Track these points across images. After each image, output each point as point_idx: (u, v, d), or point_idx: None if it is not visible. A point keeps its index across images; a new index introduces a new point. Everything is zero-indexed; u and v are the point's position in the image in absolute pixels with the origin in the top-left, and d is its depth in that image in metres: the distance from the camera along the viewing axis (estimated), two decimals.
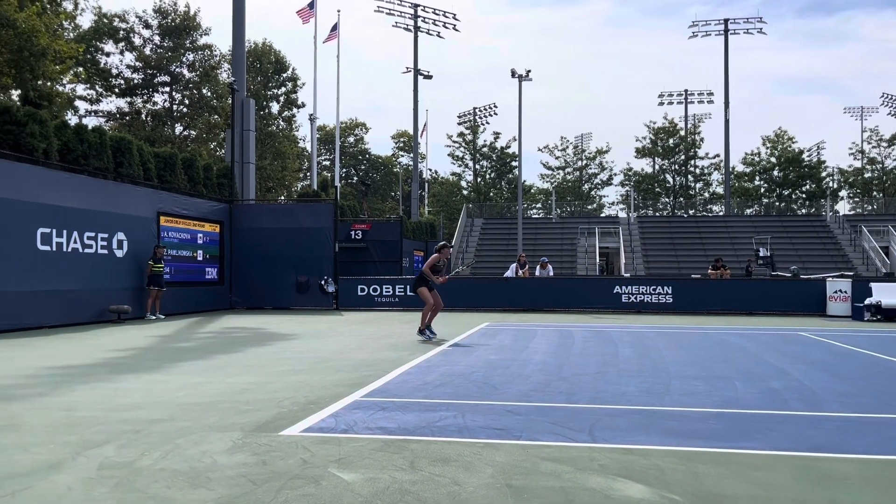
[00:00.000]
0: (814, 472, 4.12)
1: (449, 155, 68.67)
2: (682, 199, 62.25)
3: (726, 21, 52.37)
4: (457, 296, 20.97)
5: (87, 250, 14.81)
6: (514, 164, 64.88)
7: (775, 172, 62.07)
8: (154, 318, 16.43)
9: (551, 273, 22.24)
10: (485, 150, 67.09)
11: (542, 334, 12.96)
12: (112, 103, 44.20)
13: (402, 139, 78.13)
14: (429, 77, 49.87)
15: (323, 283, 12.44)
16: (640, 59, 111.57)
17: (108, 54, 42.51)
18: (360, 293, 20.99)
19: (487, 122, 66.71)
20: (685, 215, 53.35)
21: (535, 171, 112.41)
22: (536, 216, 58.78)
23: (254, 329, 14.02)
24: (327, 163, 69.82)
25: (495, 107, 62.62)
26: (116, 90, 42.81)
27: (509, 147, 65.71)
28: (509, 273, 21.95)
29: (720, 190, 62.36)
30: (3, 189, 12.74)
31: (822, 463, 4.32)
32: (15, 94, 30.75)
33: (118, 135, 18.07)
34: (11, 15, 26.24)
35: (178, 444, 4.67)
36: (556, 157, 68.24)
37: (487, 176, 68.15)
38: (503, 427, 5.21)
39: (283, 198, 50.30)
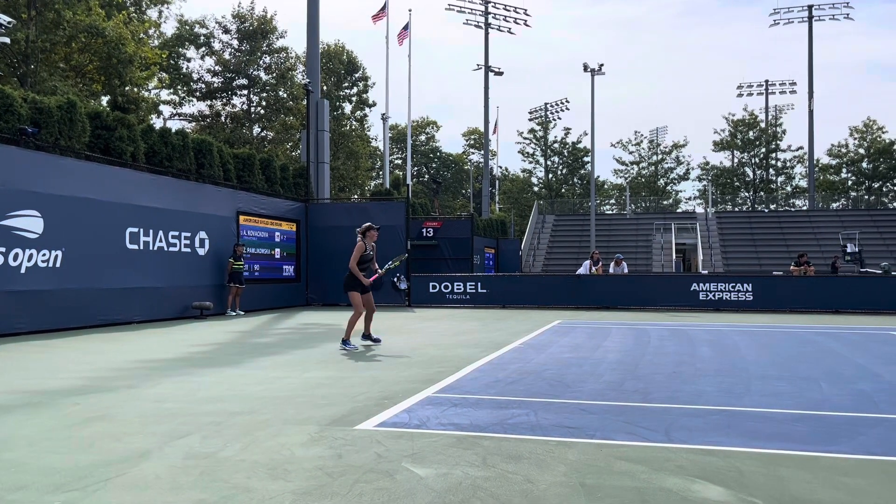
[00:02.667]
0: None
1: (520, 152, 68.46)
2: (762, 193, 60.14)
3: (810, 7, 50.28)
4: (529, 293, 20.87)
5: (171, 249, 15.42)
6: (586, 159, 64.05)
7: (864, 164, 59.23)
8: (234, 314, 16.97)
9: (626, 270, 21.84)
10: (556, 145, 66.48)
11: (616, 332, 12.75)
12: (193, 107, 45.95)
13: (472, 136, 78.19)
14: (499, 74, 49.76)
15: (395, 280, 12.61)
16: (718, 50, 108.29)
17: (189, 59, 44.20)
18: (431, 290, 21.14)
19: (559, 118, 66.24)
20: (766, 210, 51.53)
21: (607, 167, 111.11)
22: (610, 212, 57.89)
23: (329, 325, 14.32)
24: (399, 161, 70.59)
25: (567, 102, 62.00)
26: (197, 94, 44.43)
27: (581, 142, 64.97)
28: (582, 270, 21.68)
29: (803, 184, 59.96)
30: (95, 191, 13.41)
31: None
32: (104, 99, 32.34)
33: (200, 137, 18.76)
34: (101, 24, 27.57)
35: (257, 437, 4.82)
36: (630, 152, 67.06)
37: (559, 172, 67.48)
38: (576, 425, 5.16)
39: (356, 196, 51.14)
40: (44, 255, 12.25)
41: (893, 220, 41.20)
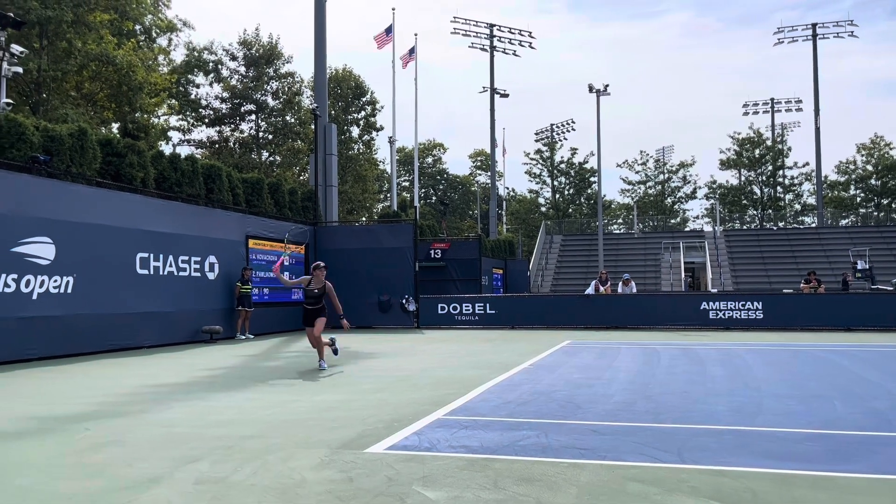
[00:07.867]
0: None
1: (526, 172, 68.67)
2: (770, 211, 59.94)
3: (814, 25, 50.44)
4: (538, 313, 20.81)
5: (181, 273, 15.49)
6: (592, 179, 64.12)
7: (872, 181, 59.04)
8: (244, 337, 16.98)
9: (634, 289, 21.78)
10: (562, 166, 66.66)
11: (626, 352, 12.69)
12: (202, 133, 46.29)
13: (479, 158, 78.47)
14: (505, 95, 50.02)
15: (404, 301, 12.72)
16: (723, 69, 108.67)
17: (198, 86, 44.63)
18: (440, 311, 21.11)
19: (565, 139, 66.20)
20: (774, 228, 51.32)
21: (614, 187, 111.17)
22: (617, 232, 57.81)
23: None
24: (406, 184, 70.84)
25: (573, 122, 62.13)
26: (206, 120, 44.81)
27: (587, 162, 65.11)
28: (590, 290, 21.62)
29: (812, 201, 59.81)
30: (106, 217, 13.51)
31: None
32: (115, 126, 32.70)
33: (209, 162, 18.91)
34: (111, 52, 27.96)
35: (268, 461, 4.81)
36: (637, 172, 67.11)
37: (566, 192, 67.58)
38: (587, 447, 5.13)
39: (364, 219, 51.29)
40: (55, 281, 12.33)
41: None
